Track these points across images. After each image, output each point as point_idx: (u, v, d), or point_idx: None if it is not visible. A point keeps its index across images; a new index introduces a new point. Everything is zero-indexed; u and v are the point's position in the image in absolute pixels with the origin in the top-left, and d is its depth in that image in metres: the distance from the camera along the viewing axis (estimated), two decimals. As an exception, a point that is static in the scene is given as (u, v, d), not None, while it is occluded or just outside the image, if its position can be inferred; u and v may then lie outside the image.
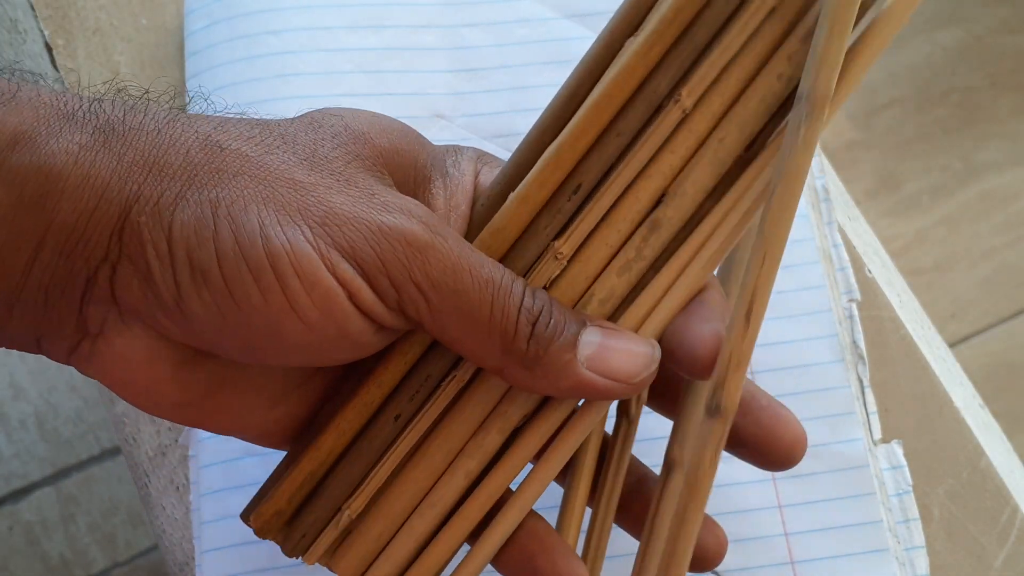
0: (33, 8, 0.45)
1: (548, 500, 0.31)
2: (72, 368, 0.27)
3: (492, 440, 0.28)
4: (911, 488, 0.39)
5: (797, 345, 0.40)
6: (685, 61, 0.27)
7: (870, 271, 0.42)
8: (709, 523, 0.32)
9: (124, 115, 0.26)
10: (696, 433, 0.28)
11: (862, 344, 0.40)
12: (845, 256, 0.41)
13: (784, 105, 0.28)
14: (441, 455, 0.28)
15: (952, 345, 1.09)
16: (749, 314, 0.26)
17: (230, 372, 0.28)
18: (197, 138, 0.26)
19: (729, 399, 0.27)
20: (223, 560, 0.37)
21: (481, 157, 0.31)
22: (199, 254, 0.25)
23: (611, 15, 0.45)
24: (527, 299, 0.27)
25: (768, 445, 0.30)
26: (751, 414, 0.30)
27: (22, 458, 0.97)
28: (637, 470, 0.33)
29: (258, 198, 0.25)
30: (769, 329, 0.40)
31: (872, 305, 0.41)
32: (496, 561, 0.30)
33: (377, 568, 0.29)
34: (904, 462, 0.39)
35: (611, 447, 0.32)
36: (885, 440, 0.39)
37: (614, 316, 0.28)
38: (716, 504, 0.38)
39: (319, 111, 0.29)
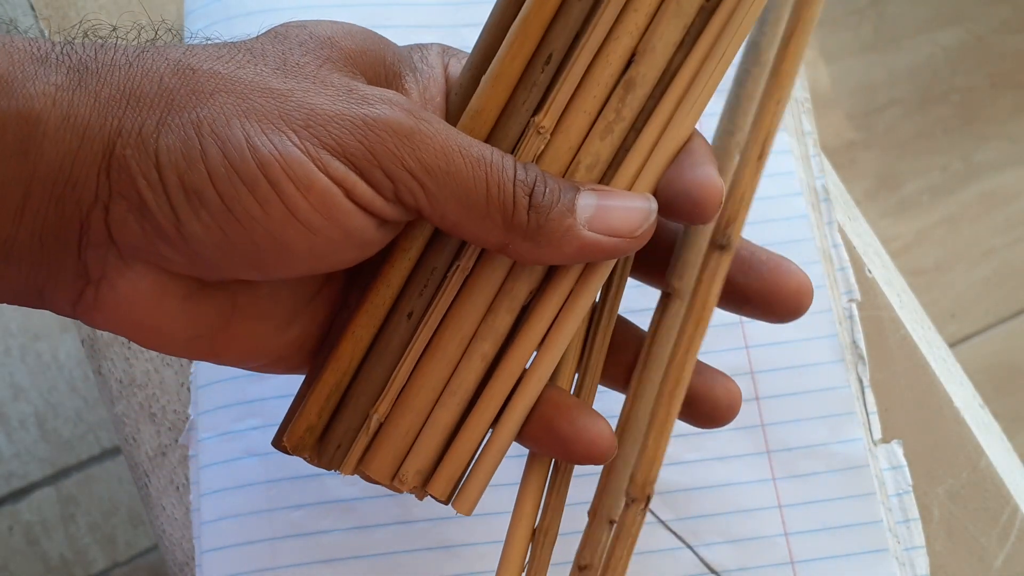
0: (33, 8, 0.45)
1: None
2: (72, 368, 0.27)
3: (503, 320, 0.29)
4: (911, 488, 0.39)
5: (797, 345, 0.40)
6: None
7: (870, 271, 0.42)
8: (718, 376, 0.32)
9: (96, 53, 0.26)
10: (699, 264, 0.29)
11: (862, 344, 0.40)
12: (845, 256, 0.41)
13: None
14: (456, 343, 0.29)
15: (952, 345, 1.09)
16: (761, 155, 0.27)
17: (238, 299, 0.28)
18: (168, 65, 0.26)
19: (735, 235, 0.28)
20: (223, 560, 0.37)
21: (447, 50, 0.31)
22: (190, 176, 0.25)
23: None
24: (520, 172, 0.27)
25: (774, 296, 0.31)
26: (753, 269, 0.31)
27: (22, 458, 0.97)
28: (626, 328, 0.33)
29: (238, 111, 0.25)
30: (769, 329, 0.40)
31: (872, 305, 0.41)
32: (519, 435, 0.30)
33: (408, 465, 0.29)
34: (904, 462, 0.39)
35: (599, 304, 0.32)
36: (885, 440, 0.39)
37: (604, 180, 0.28)
38: (716, 504, 0.38)
39: (282, 25, 0.29)
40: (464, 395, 0.29)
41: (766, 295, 0.30)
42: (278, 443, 0.30)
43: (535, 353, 0.29)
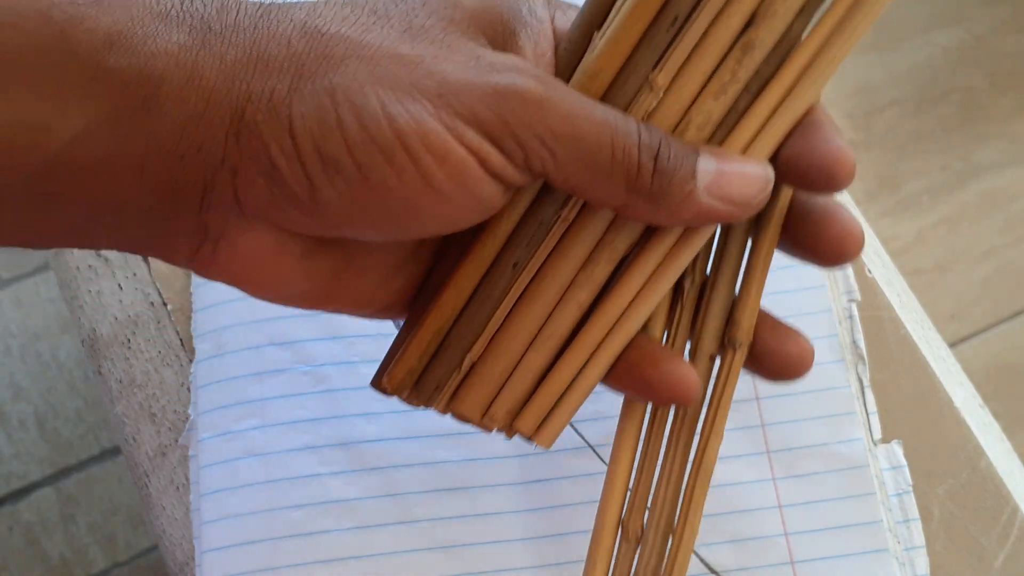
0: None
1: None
2: (72, 368, 0.27)
3: (601, 270, 0.29)
4: (911, 488, 0.39)
5: (797, 345, 0.40)
6: None
7: (870, 271, 0.42)
8: (788, 330, 0.31)
9: (217, 12, 0.25)
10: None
11: (862, 344, 0.40)
12: (845, 256, 0.41)
13: None
14: (553, 290, 0.29)
15: (952, 345, 1.09)
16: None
17: (352, 254, 0.28)
18: (294, 27, 0.26)
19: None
20: (223, 560, 0.37)
21: (550, 1, 0.31)
22: (327, 145, 0.25)
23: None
24: (644, 136, 0.27)
25: (819, 239, 0.30)
26: (805, 212, 0.31)
27: (22, 458, 0.97)
28: None
29: (371, 79, 0.25)
30: (769, 329, 0.40)
31: (872, 305, 0.41)
32: (606, 378, 0.30)
33: (499, 404, 0.30)
34: (904, 462, 0.39)
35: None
36: (885, 440, 0.39)
37: (714, 140, 0.28)
38: (716, 504, 0.38)
39: None
40: (557, 341, 0.29)
41: (813, 238, 0.30)
42: (377, 383, 0.31)
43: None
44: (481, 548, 0.38)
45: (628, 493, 0.31)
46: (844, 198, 0.45)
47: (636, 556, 0.30)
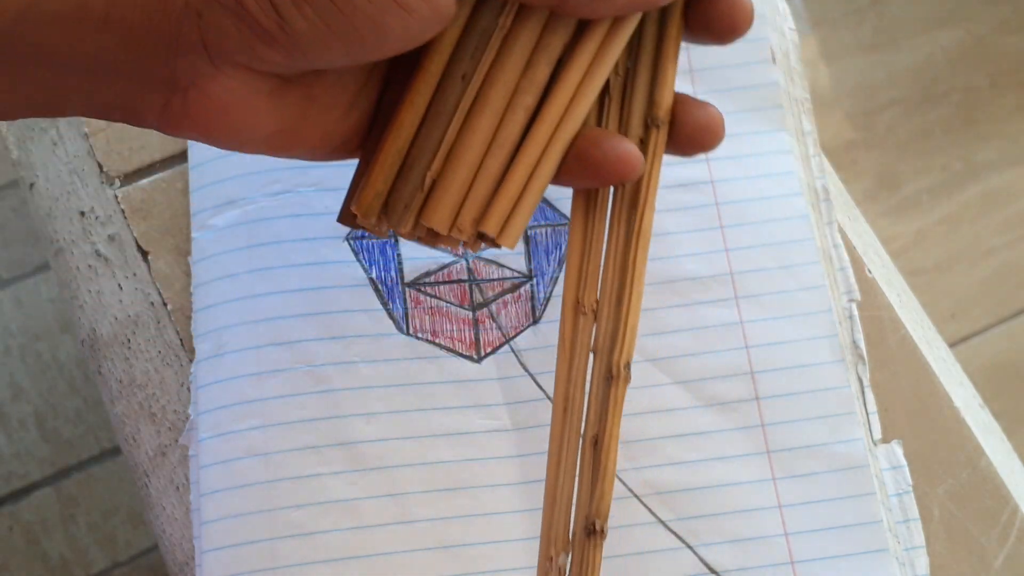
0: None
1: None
2: (72, 368, 0.27)
3: (541, 72, 0.31)
4: (911, 488, 0.39)
5: (797, 345, 0.40)
6: None
7: (870, 271, 0.42)
8: (698, 102, 0.33)
9: None
10: None
11: (862, 344, 0.40)
12: (845, 256, 0.41)
13: None
14: (501, 98, 0.31)
15: (952, 345, 1.09)
16: None
17: (314, 90, 0.29)
18: None
19: None
20: (223, 560, 0.37)
21: None
22: None
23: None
24: None
25: (712, 15, 0.33)
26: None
27: (22, 458, 0.97)
28: None
29: None
30: (769, 329, 0.40)
31: (872, 305, 0.41)
32: (557, 176, 0.32)
33: (464, 214, 0.31)
34: (904, 462, 0.39)
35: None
36: (885, 440, 0.39)
37: None
38: (716, 504, 0.38)
39: None
40: (510, 145, 0.31)
41: (706, 15, 0.32)
42: (343, 215, 0.32)
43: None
44: (481, 548, 0.38)
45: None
46: (844, 198, 0.45)
47: (594, 327, 0.32)
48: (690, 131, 0.33)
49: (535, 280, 0.41)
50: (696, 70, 0.44)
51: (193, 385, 0.40)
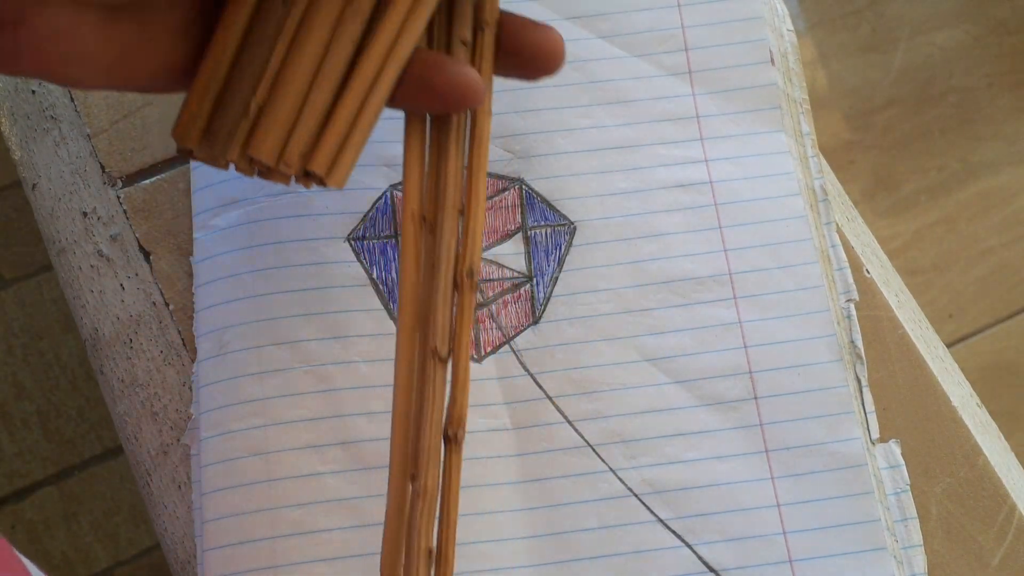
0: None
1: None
2: (74, 367, 0.27)
3: (366, 1, 0.30)
4: (909, 487, 0.39)
5: (795, 345, 0.40)
6: None
7: (868, 271, 0.42)
8: (540, 25, 0.33)
9: None
10: None
11: (860, 344, 0.40)
12: (843, 256, 0.42)
13: None
14: (326, 26, 0.30)
15: (950, 345, 1.10)
16: None
17: (142, 18, 0.29)
18: None
19: None
20: (225, 558, 0.37)
21: None
22: None
23: (613, 17, 0.45)
24: None
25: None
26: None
27: (24, 457, 0.97)
28: None
29: None
30: (768, 329, 0.40)
31: (870, 305, 0.41)
32: (394, 100, 0.31)
33: (291, 148, 0.30)
34: (902, 461, 0.39)
35: None
36: (883, 439, 0.39)
37: None
38: (715, 503, 0.38)
39: None
40: (336, 76, 0.30)
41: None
42: (178, 150, 0.31)
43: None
44: (481, 547, 0.38)
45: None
46: (842, 198, 0.45)
47: (437, 241, 0.32)
48: (530, 53, 0.32)
49: (535, 280, 0.41)
50: (695, 71, 0.44)
51: (195, 384, 0.40)
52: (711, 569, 0.37)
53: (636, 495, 0.38)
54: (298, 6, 0.30)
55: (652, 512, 0.38)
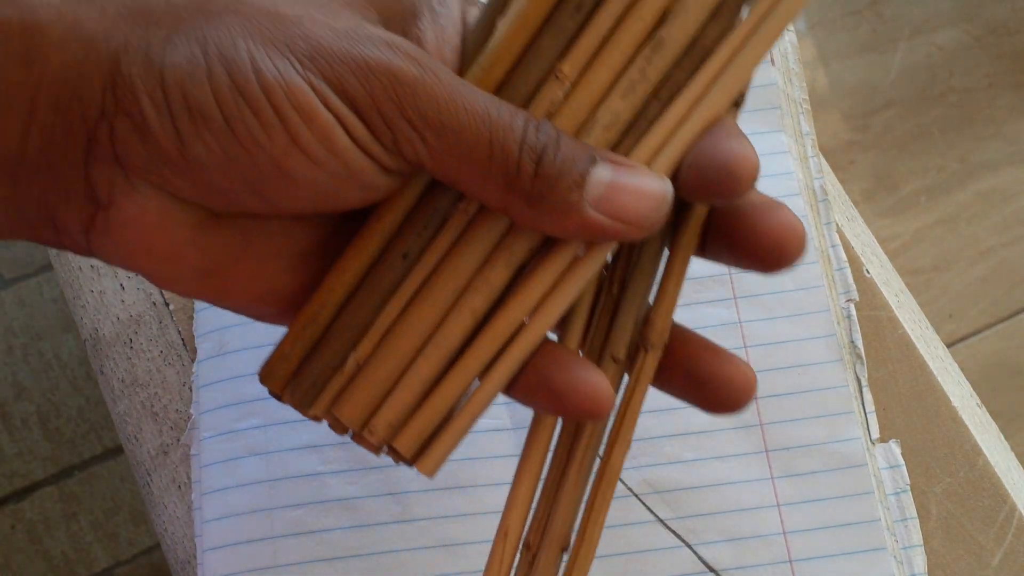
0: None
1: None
2: (74, 367, 0.27)
3: (498, 275, 0.27)
4: (909, 487, 0.39)
5: (795, 345, 0.40)
6: None
7: (868, 271, 0.42)
8: (734, 358, 0.29)
9: None
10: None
11: (860, 344, 0.40)
12: (843, 256, 0.42)
13: None
14: (447, 292, 0.27)
15: (950, 345, 1.10)
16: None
17: (250, 234, 0.27)
18: None
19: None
20: (225, 558, 0.37)
21: None
22: (195, 96, 0.24)
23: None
24: (530, 134, 0.25)
25: (755, 238, 0.28)
26: (740, 212, 0.28)
27: (25, 457, 0.97)
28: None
29: (244, 32, 0.24)
30: (768, 329, 0.40)
31: (870, 305, 0.41)
32: (511, 389, 0.28)
33: (381, 415, 0.27)
34: (902, 461, 0.39)
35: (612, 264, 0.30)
36: (883, 439, 0.40)
37: (621, 145, 0.27)
38: (715, 503, 0.38)
39: None
40: (448, 349, 0.27)
41: (746, 238, 0.28)
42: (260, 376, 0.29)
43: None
44: (481, 546, 0.38)
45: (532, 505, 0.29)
46: (842, 198, 0.45)
47: (530, 570, 0.29)
48: (713, 388, 0.28)
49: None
50: (695, 71, 0.44)
51: (195, 384, 0.40)
52: (711, 569, 0.37)
53: (636, 495, 0.38)
54: (422, 266, 0.27)
55: (652, 512, 0.38)
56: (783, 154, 0.42)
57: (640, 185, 0.26)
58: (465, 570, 0.37)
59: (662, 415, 0.39)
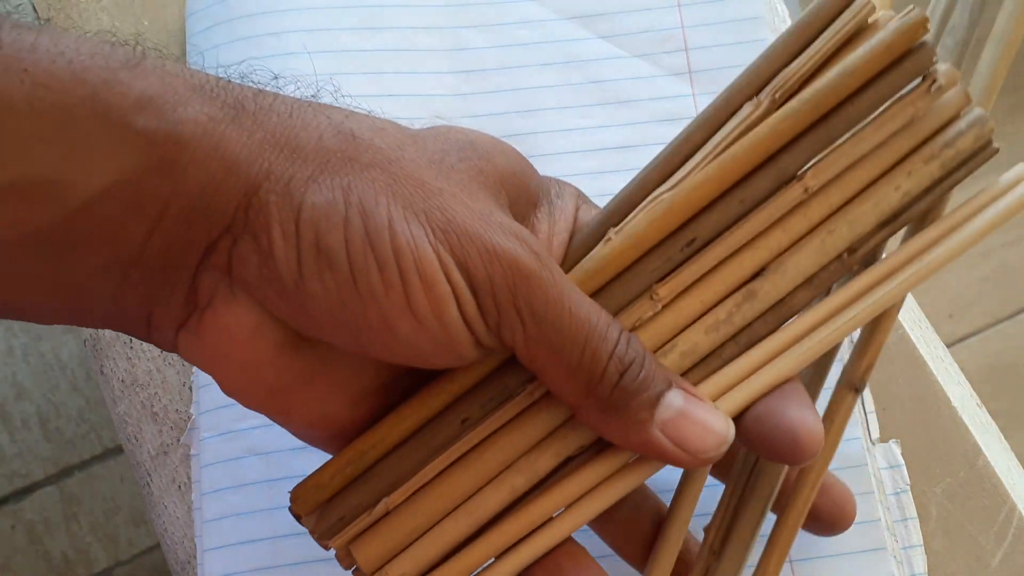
0: (35, 9, 0.45)
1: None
2: (75, 368, 0.28)
3: (545, 462, 0.28)
4: (909, 487, 0.39)
5: (795, 345, 0.40)
6: (817, 147, 0.28)
7: (868, 271, 0.42)
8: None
9: (253, 96, 0.26)
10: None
11: (860, 344, 0.40)
12: (843, 256, 0.42)
13: (895, 217, 0.29)
14: (492, 464, 0.28)
15: (950, 345, 1.10)
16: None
17: (326, 363, 0.28)
18: (330, 124, 0.26)
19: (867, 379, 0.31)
20: (225, 559, 0.37)
21: (581, 195, 0.32)
22: (328, 238, 0.25)
23: (613, 17, 0.45)
24: (621, 346, 0.27)
25: (819, 507, 0.33)
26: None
27: (24, 457, 0.97)
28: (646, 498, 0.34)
29: (387, 191, 0.26)
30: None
31: (870, 305, 0.41)
32: (529, 573, 0.30)
33: (396, 564, 0.29)
34: (902, 461, 0.39)
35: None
36: (883, 439, 0.40)
37: (692, 374, 0.29)
38: (714, 503, 0.38)
39: (444, 125, 0.30)
40: (478, 518, 0.29)
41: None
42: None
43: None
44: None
45: None
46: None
47: None
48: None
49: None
50: (694, 71, 0.44)
51: (195, 384, 0.40)
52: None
53: (636, 495, 0.38)
54: (477, 433, 0.28)
55: (652, 512, 0.38)
56: (783, 154, 0.42)
57: (707, 420, 0.27)
58: (465, 570, 0.37)
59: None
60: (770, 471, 0.31)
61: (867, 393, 0.40)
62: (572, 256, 0.30)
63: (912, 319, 0.43)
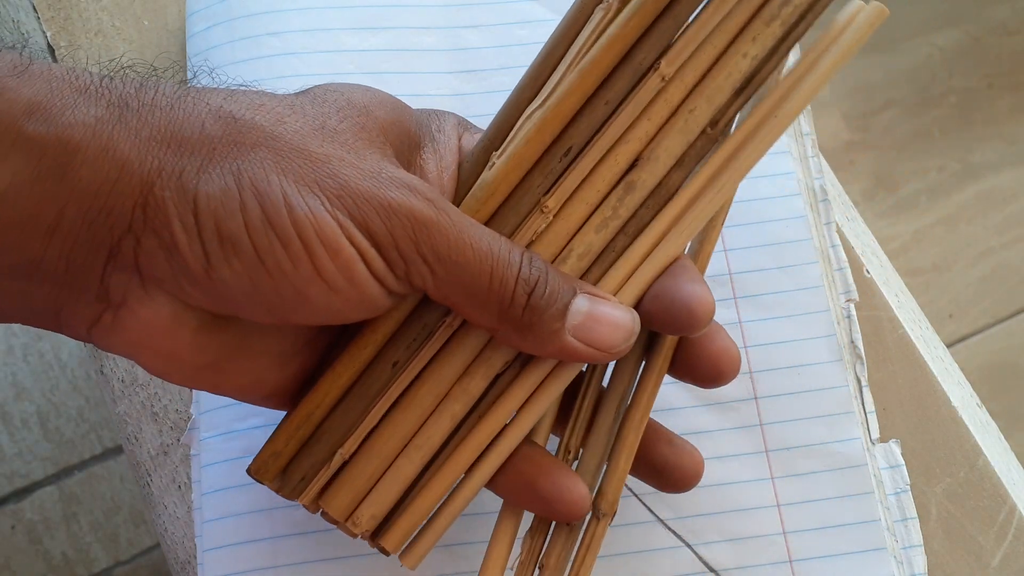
0: (35, 9, 0.45)
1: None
2: (74, 368, 0.28)
3: (476, 384, 0.30)
4: (909, 487, 0.39)
5: (795, 345, 0.40)
6: (666, 36, 0.30)
7: (868, 271, 0.42)
8: (687, 445, 0.34)
9: (136, 91, 0.27)
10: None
11: (860, 344, 0.40)
12: (843, 256, 0.42)
13: (748, 83, 0.30)
14: (430, 397, 0.30)
15: (950, 345, 1.10)
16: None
17: (246, 334, 0.29)
18: (210, 111, 0.27)
19: None
20: (225, 559, 0.37)
21: (461, 122, 0.33)
22: (228, 225, 0.26)
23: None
24: (524, 269, 0.28)
25: (696, 359, 0.32)
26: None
27: (24, 457, 0.97)
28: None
29: (277, 168, 0.26)
30: (767, 329, 0.40)
31: (870, 305, 0.41)
32: (495, 486, 0.32)
33: (364, 508, 0.30)
34: (902, 461, 0.39)
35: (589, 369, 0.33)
36: (883, 439, 0.40)
37: (590, 273, 0.30)
38: (714, 503, 0.38)
39: (319, 86, 0.30)
40: (428, 451, 0.30)
41: (689, 359, 0.32)
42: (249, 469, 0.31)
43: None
44: (482, 546, 0.38)
45: None
46: (842, 199, 0.45)
47: None
48: (674, 475, 0.33)
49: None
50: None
51: (195, 384, 0.40)
52: (711, 569, 0.37)
53: (636, 495, 0.38)
54: (407, 373, 0.30)
55: (652, 512, 0.38)
56: (783, 154, 0.42)
57: (613, 317, 0.29)
58: (465, 570, 0.37)
59: (662, 415, 0.39)
60: (623, 370, 0.33)
61: (867, 393, 0.40)
62: (464, 185, 0.31)
63: (912, 319, 0.43)
